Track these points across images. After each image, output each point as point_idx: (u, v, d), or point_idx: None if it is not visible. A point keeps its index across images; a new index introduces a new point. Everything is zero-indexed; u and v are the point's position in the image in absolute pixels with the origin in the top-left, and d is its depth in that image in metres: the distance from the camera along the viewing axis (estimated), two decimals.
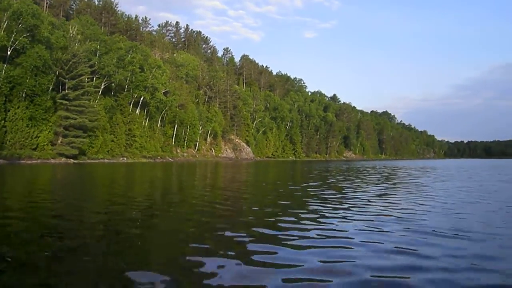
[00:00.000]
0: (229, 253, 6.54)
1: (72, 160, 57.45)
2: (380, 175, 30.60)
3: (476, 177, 29.17)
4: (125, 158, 69.12)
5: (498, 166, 64.76)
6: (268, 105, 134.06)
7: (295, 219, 9.59)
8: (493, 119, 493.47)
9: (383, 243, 7.23)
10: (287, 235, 7.82)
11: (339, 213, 10.69)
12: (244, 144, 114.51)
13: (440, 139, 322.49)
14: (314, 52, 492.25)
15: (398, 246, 7.02)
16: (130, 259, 6.31)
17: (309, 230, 8.35)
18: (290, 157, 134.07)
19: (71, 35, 65.96)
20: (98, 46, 71.53)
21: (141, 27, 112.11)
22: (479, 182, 24.09)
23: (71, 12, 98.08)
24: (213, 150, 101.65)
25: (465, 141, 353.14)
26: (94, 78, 69.78)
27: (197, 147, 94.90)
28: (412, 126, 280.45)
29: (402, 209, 11.51)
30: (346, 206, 12.04)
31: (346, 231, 8.34)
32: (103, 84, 71.37)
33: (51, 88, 60.03)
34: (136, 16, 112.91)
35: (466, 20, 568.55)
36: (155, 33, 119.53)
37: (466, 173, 36.29)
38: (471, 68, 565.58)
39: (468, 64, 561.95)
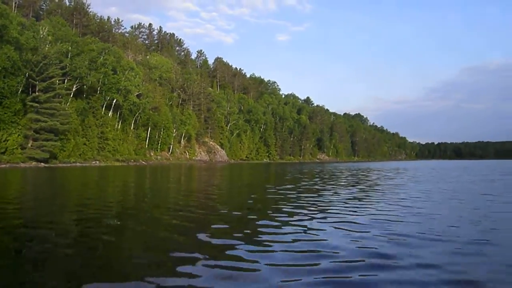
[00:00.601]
0: (201, 258, 6.49)
1: (43, 164, 56.26)
2: (353, 177, 31.08)
3: (448, 178, 29.95)
4: (97, 162, 68.10)
5: (467, 167, 66.65)
6: (242, 108, 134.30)
7: (269, 223, 9.60)
8: (462, 121, 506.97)
9: (355, 245, 7.35)
10: (263, 240, 7.84)
11: (312, 216, 10.75)
12: (218, 146, 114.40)
13: (411, 141, 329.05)
14: (287, 55, 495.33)
15: (368, 247, 7.17)
16: (95, 271, 6.05)
17: (283, 233, 8.40)
18: (264, 160, 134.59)
19: (42, 36, 64.64)
20: (70, 48, 70.31)
21: (114, 29, 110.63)
22: (450, 183, 24.74)
23: (41, 12, 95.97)
24: (187, 153, 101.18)
25: (436, 143, 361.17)
26: (66, 80, 68.49)
27: (171, 150, 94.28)
28: (384, 128, 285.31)
29: (375, 210, 11.71)
30: (320, 209, 12.14)
31: (320, 234, 8.39)
32: (74, 86, 70.15)
33: (20, 90, 58.72)
34: (109, 18, 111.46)
35: (435, 24, 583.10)
36: (127, 35, 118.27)
37: (438, 174, 37.23)
38: (441, 71, 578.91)
39: (438, 67, 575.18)
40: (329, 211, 11.67)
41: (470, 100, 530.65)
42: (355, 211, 11.51)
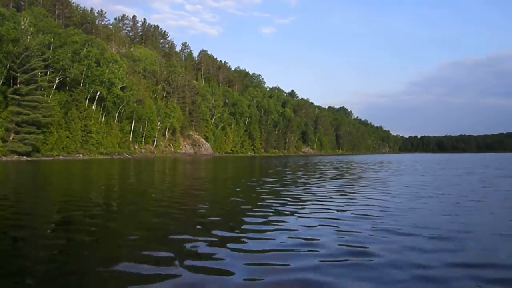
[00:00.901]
0: (182, 257, 6.24)
1: (25, 157, 55.61)
2: (337, 170, 31.35)
3: (431, 171, 30.32)
4: (81, 155, 67.54)
5: (450, 160, 67.72)
6: (227, 101, 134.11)
7: (254, 218, 9.53)
8: (444, 115, 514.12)
9: (336, 242, 7.23)
10: (245, 237, 7.69)
11: (298, 210, 10.75)
12: (203, 140, 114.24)
13: (395, 134, 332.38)
14: (272, 48, 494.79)
15: (350, 244, 7.08)
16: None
17: (267, 231, 8.20)
18: (249, 153, 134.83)
19: (23, 27, 63.53)
20: (52, 39, 69.31)
21: (97, 20, 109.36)
22: (434, 176, 25.11)
23: (22, 3, 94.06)
24: (172, 146, 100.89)
25: (419, 136, 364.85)
26: (48, 72, 67.66)
27: (155, 143, 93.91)
28: (368, 122, 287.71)
29: (359, 205, 11.71)
30: (302, 203, 12.15)
31: (300, 230, 8.26)
32: (57, 79, 69.32)
33: (1, 82, 57.88)
34: (92, 9, 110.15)
35: (417, 19, 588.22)
36: (111, 26, 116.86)
37: (421, 167, 37.69)
38: (423, 66, 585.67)
39: (420, 61, 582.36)
40: (312, 205, 11.66)
41: (451, 94, 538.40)
42: (339, 206, 11.50)
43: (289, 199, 12.97)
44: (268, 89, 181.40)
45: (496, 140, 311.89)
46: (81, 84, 74.77)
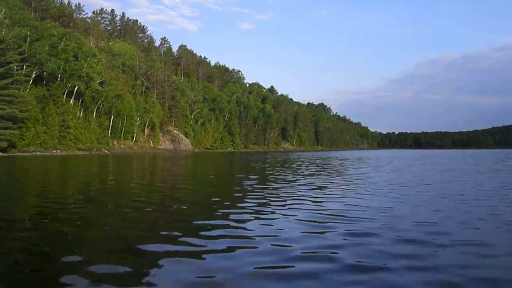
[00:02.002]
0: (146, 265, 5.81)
1: (1, 153, 54.57)
2: (318, 167, 31.44)
3: (408, 168, 30.77)
4: (58, 151, 66.59)
5: (427, 156, 69.06)
6: (206, 96, 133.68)
7: (234, 216, 9.25)
8: (421, 111, 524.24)
9: (306, 243, 6.86)
10: (214, 235, 7.37)
11: (277, 209, 10.28)
12: (182, 135, 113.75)
13: (373, 131, 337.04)
14: (251, 44, 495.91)
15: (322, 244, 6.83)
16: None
17: (249, 229, 7.95)
18: (229, 148, 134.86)
19: None
20: (29, 32, 68.12)
21: (75, 14, 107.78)
22: (413, 172, 25.46)
23: None
24: (151, 142, 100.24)
25: (396, 133, 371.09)
26: (24, 66, 66.40)
27: (134, 139, 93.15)
28: (347, 118, 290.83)
29: (336, 203, 11.47)
30: (281, 201, 11.81)
31: (285, 230, 7.90)
32: (34, 73, 68.17)
33: None
34: (69, 2, 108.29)
35: (394, 18, 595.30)
36: (89, 20, 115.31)
37: (400, 164, 38.19)
38: (400, 63, 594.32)
39: (397, 59, 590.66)
40: (290, 203, 11.35)
41: (428, 91, 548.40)
42: (317, 203, 11.37)
43: (266, 196, 12.68)
44: (247, 85, 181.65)
45: (472, 137, 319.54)
46: (59, 79, 73.59)
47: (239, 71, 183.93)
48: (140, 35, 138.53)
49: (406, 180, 19.47)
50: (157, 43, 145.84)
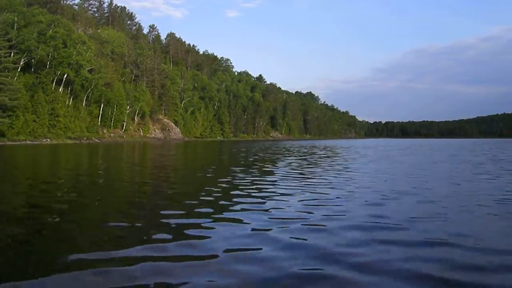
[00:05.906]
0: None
1: None
2: (308, 156, 31.27)
3: (396, 157, 30.94)
4: (48, 139, 65.84)
5: (413, 145, 69.77)
6: (196, 85, 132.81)
7: (218, 209, 8.79)
8: (408, 101, 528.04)
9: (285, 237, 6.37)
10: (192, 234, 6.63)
11: (265, 202, 9.54)
12: (172, 124, 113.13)
13: (361, 120, 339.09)
14: (239, 32, 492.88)
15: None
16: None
17: (240, 220, 7.56)
18: (218, 137, 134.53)
19: None
20: (16, 18, 66.82)
21: (62, 0, 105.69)
22: (399, 163, 25.65)
23: None
24: (141, 130, 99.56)
25: (383, 122, 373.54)
26: (12, 53, 65.30)
27: (124, 127, 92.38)
28: (335, 107, 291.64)
29: (322, 194, 10.80)
30: (267, 192, 11.09)
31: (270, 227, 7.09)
32: (22, 60, 67.08)
33: None
34: None
35: (382, 7, 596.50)
36: (76, 7, 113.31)
37: (387, 152, 38.49)
38: (388, 52, 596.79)
39: (385, 48, 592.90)
40: (275, 195, 10.62)
41: (415, 80, 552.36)
42: (303, 193, 10.90)
43: (256, 187, 12.12)
44: (236, 74, 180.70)
45: (458, 126, 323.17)
46: (48, 66, 72.51)
47: (228, 59, 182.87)
48: (128, 22, 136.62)
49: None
50: (145, 31, 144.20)
